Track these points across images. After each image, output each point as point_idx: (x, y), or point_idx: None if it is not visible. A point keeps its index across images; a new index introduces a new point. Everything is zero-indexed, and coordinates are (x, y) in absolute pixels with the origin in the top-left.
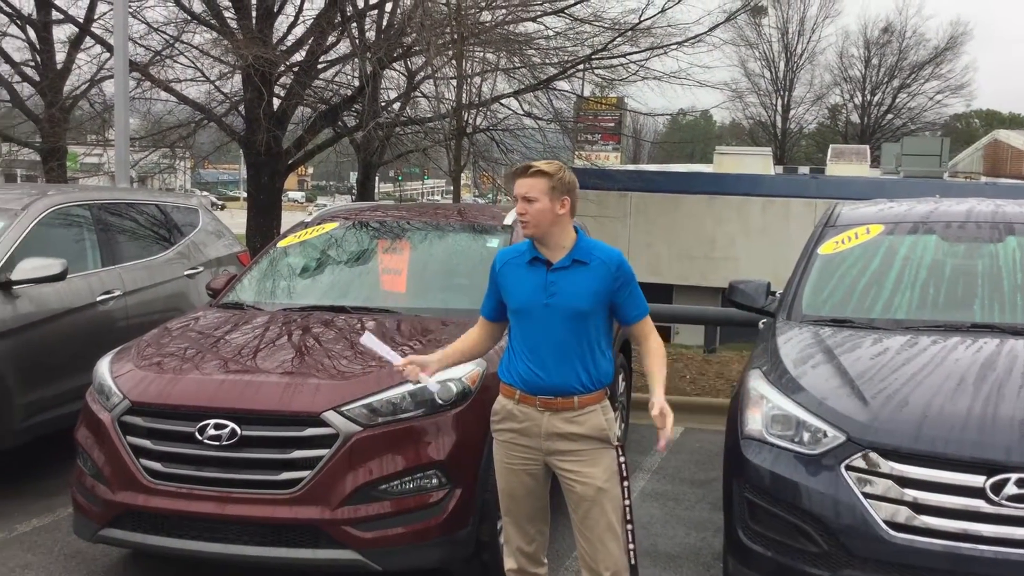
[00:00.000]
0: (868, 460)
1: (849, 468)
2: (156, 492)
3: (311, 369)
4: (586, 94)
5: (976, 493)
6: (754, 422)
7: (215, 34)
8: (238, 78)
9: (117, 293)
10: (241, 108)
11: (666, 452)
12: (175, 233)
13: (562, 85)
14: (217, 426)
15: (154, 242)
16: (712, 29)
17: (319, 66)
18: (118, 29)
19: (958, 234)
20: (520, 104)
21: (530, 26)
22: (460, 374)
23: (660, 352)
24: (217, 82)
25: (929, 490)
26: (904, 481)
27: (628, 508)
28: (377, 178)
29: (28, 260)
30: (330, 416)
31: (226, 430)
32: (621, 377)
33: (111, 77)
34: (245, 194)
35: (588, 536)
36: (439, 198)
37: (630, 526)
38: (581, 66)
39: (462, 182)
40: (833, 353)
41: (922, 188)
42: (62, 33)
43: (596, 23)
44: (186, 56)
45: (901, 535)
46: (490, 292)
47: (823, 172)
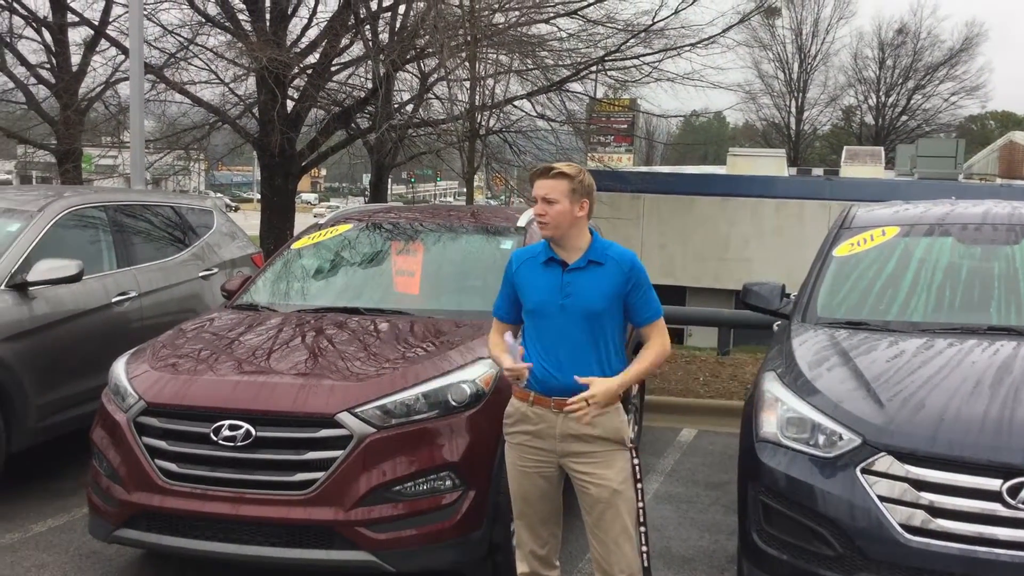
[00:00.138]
0: (884, 463)
1: (865, 471)
2: (171, 493)
3: (325, 370)
4: (599, 96)
5: (992, 496)
6: (769, 425)
7: (229, 36)
8: (252, 80)
9: (132, 294)
10: (255, 110)
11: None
12: (190, 235)
13: (575, 87)
14: (232, 427)
15: (169, 244)
16: (726, 30)
17: (332, 68)
18: (133, 32)
19: (974, 236)
20: (533, 106)
21: (543, 28)
22: (473, 376)
23: (660, 352)
24: (231, 84)
25: (945, 493)
26: (920, 484)
27: (642, 510)
28: (390, 180)
29: (44, 261)
30: (344, 417)
31: (241, 431)
32: None
33: (126, 79)
34: (259, 196)
35: (602, 538)
36: (451, 200)
37: (643, 528)
38: (594, 68)
39: (475, 184)
40: (848, 355)
41: (937, 190)
42: (77, 36)
43: (609, 25)
44: (200, 58)
45: (917, 538)
46: (505, 293)
47: (837, 174)
